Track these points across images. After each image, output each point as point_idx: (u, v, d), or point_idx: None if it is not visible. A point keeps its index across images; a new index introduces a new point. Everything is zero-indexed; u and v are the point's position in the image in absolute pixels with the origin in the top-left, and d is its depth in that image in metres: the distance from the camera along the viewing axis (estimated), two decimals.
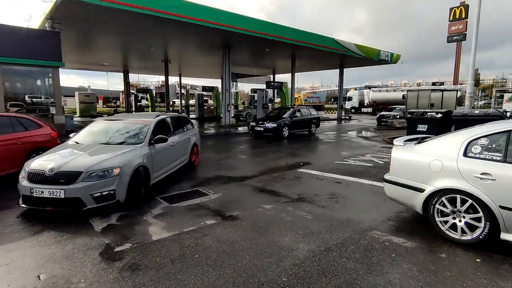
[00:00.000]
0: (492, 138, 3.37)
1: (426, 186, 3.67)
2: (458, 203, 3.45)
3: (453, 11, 36.38)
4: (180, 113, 8.64)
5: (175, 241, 3.57)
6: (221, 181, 6.47)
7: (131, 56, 23.49)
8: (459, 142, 3.56)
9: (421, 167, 3.76)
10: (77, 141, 5.56)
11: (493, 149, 3.33)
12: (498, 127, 3.41)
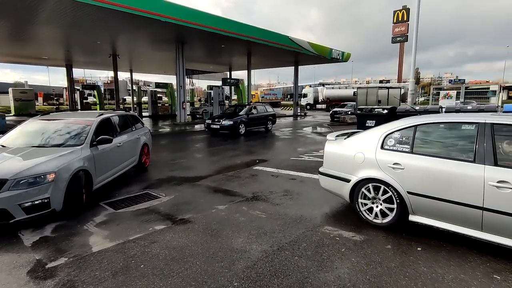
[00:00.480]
0: (402, 132, 3.78)
1: (351, 176, 4.04)
2: (376, 190, 3.84)
3: (396, 14, 39.38)
4: (128, 111, 8.11)
5: (119, 251, 3.29)
6: (174, 182, 6.19)
7: (74, 49, 21.64)
8: (378, 136, 3.94)
9: (347, 159, 4.13)
10: (4, 144, 4.91)
11: (403, 142, 3.72)
12: (407, 122, 3.81)
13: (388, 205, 3.73)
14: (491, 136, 3.14)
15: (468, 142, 3.29)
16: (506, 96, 52.93)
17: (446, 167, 3.28)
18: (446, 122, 3.61)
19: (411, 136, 3.68)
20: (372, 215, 3.88)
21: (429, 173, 3.39)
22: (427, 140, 3.65)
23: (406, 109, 10.00)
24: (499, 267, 2.87)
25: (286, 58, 24.82)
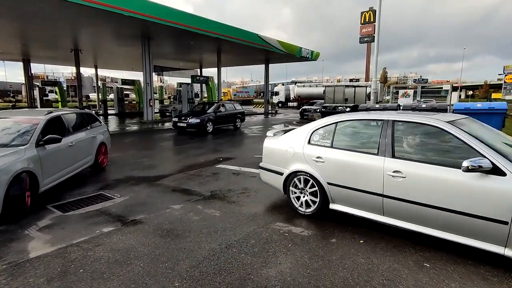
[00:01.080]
0: (325, 129, 4.12)
1: (284, 170, 4.36)
2: (305, 183, 4.14)
3: (364, 15, 40.57)
4: (90, 109, 7.76)
5: (59, 256, 3.14)
6: (132, 182, 6.02)
7: (31, 43, 20.37)
8: (306, 132, 4.26)
9: (281, 154, 4.43)
10: None
11: (325, 137, 4.07)
12: (330, 120, 4.14)
13: (313, 195, 4.08)
14: (392, 131, 3.47)
15: (375, 137, 3.62)
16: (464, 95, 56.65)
17: (357, 159, 3.62)
18: (360, 119, 4.00)
19: (332, 132, 4.02)
20: (299, 204, 4.23)
21: (344, 165, 3.73)
22: (345, 135, 4.00)
23: (367, 107, 10.39)
24: (429, 255, 3.07)
25: (257, 56, 24.90)
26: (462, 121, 3.48)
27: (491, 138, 3.32)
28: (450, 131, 3.12)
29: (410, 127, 3.50)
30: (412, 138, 3.49)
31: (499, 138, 3.49)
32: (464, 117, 3.72)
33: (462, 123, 3.37)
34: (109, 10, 12.29)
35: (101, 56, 25.68)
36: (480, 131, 3.43)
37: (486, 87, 58.62)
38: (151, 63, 18.29)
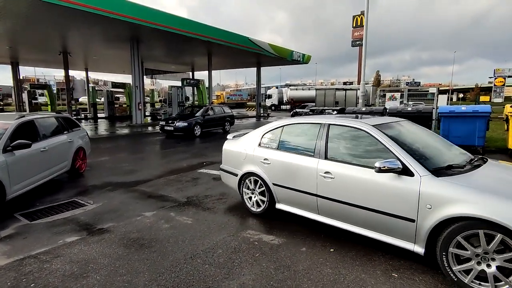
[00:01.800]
0: (274, 132, 4.29)
1: (238, 171, 4.54)
2: (253, 183, 4.36)
3: (355, 18, 40.88)
4: (59, 112, 7.55)
5: (13, 268, 2.98)
6: (108, 188, 5.86)
7: (18, 46, 20.06)
8: (258, 135, 4.46)
9: (236, 156, 4.62)
10: None
11: (273, 140, 4.24)
12: (279, 123, 4.32)
13: (262, 195, 4.27)
14: (326, 134, 3.65)
15: (313, 140, 3.76)
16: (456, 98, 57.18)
17: (297, 161, 3.79)
18: (302, 123, 4.16)
19: (279, 135, 4.19)
20: (251, 204, 4.43)
21: (286, 166, 3.90)
22: (289, 138, 4.13)
23: (354, 110, 10.34)
24: (398, 264, 2.96)
25: (248, 59, 24.84)
26: (391, 124, 3.65)
27: (419, 140, 3.57)
28: (372, 134, 3.27)
29: (342, 130, 3.64)
30: (343, 140, 3.61)
31: (428, 141, 3.70)
32: (397, 120, 3.90)
33: (389, 126, 3.54)
34: (95, 12, 12.13)
35: (91, 59, 25.41)
36: (409, 134, 3.67)
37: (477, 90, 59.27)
38: (140, 66, 18.11)
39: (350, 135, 3.55)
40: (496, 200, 2.45)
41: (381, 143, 3.17)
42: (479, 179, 2.88)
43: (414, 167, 2.87)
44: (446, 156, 3.40)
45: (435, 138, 3.87)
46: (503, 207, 2.38)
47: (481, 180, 2.86)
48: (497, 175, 3.11)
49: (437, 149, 3.56)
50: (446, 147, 3.67)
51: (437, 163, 3.09)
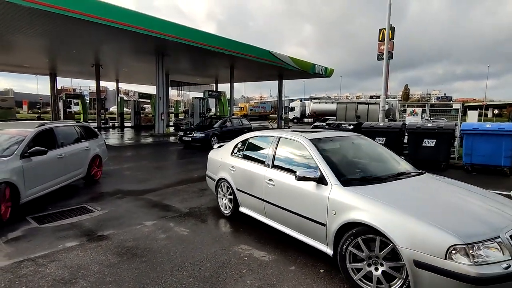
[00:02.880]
0: (242, 142, 4.79)
1: (215, 176, 5.08)
2: (225, 188, 4.87)
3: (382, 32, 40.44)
4: (78, 121, 7.98)
5: (10, 270, 3.13)
6: (118, 195, 6.05)
7: (56, 59, 21.60)
8: (232, 145, 4.96)
9: (215, 163, 5.21)
10: None
11: (241, 150, 4.73)
12: (246, 135, 4.85)
13: (229, 200, 4.76)
14: (276, 145, 4.09)
15: (266, 151, 4.19)
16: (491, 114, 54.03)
17: (252, 169, 4.24)
18: (261, 135, 4.64)
19: (245, 145, 4.70)
20: (222, 207, 4.93)
21: (245, 173, 4.36)
22: (251, 149, 4.61)
23: (371, 125, 10.07)
24: None
25: (270, 72, 25.09)
26: (334, 139, 4.14)
27: (357, 155, 4.08)
28: (306, 147, 3.63)
29: (287, 142, 4.05)
30: (287, 152, 3.99)
31: (369, 155, 4.13)
32: (348, 135, 4.40)
33: (328, 140, 3.96)
34: (126, 28, 12.82)
35: (121, 70, 26.78)
36: (349, 148, 4.16)
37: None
38: (164, 78, 18.83)
39: (292, 146, 3.96)
40: (381, 208, 2.68)
41: (310, 154, 3.53)
42: (383, 190, 3.09)
43: (328, 176, 3.19)
44: (376, 169, 3.77)
45: (380, 153, 4.19)
46: (383, 215, 2.62)
47: (383, 191, 3.05)
48: (409, 187, 3.28)
49: (371, 163, 3.96)
50: (387, 161, 3.99)
51: (353, 174, 3.45)
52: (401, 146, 9.64)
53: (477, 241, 2.26)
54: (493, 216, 2.65)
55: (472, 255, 2.20)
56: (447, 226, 2.36)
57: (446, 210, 2.74)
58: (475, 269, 2.14)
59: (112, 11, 12.36)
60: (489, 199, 3.04)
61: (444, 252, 2.23)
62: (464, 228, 2.38)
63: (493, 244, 2.27)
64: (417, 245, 2.36)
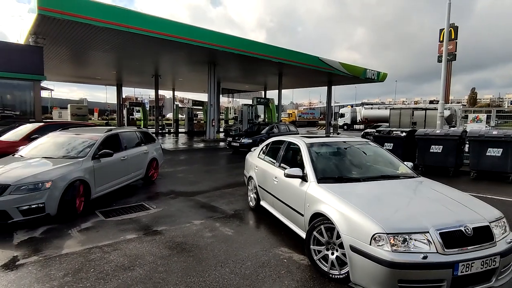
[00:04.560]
0: (266, 146, 5.70)
1: (247, 174, 6.06)
2: (251, 184, 5.75)
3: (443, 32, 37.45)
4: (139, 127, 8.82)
5: (82, 255, 3.66)
6: (171, 196, 6.57)
7: (122, 71, 23.99)
8: (260, 148, 5.90)
9: (248, 164, 6.20)
10: (23, 155, 5.71)
11: (264, 152, 5.60)
12: (269, 140, 5.77)
13: (255, 195, 5.51)
14: (284, 148, 4.87)
15: (278, 152, 4.97)
16: None
17: (267, 168, 5.04)
18: (277, 140, 5.44)
19: (267, 148, 5.60)
20: (249, 200, 5.81)
21: (263, 172, 5.17)
22: (270, 151, 5.44)
23: (426, 132, 9.46)
24: None
25: (319, 78, 24.82)
26: (331, 143, 4.79)
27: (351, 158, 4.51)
28: (301, 149, 4.29)
29: (292, 145, 4.70)
30: (291, 153, 4.69)
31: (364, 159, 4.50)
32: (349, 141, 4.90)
33: (323, 144, 4.63)
34: (180, 41, 13.87)
35: (177, 80, 28.71)
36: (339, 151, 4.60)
37: None
38: (215, 86, 19.76)
39: (294, 149, 4.63)
40: (335, 202, 3.14)
41: (302, 156, 4.16)
42: (349, 188, 3.54)
43: (309, 175, 3.77)
44: (362, 171, 4.17)
45: (377, 158, 4.57)
46: (335, 206, 3.09)
47: (348, 189, 3.50)
48: (377, 187, 3.63)
49: (361, 166, 4.34)
50: (380, 165, 4.40)
51: (333, 174, 3.93)
52: (460, 156, 8.89)
53: (400, 232, 2.59)
54: (436, 215, 2.85)
55: (392, 243, 2.55)
56: (378, 218, 2.72)
57: (393, 207, 3.08)
58: (391, 255, 2.50)
59: (169, 26, 13.46)
60: (455, 203, 3.17)
61: (369, 238, 2.63)
62: (393, 221, 2.74)
63: (421, 237, 2.57)
64: (353, 232, 2.80)
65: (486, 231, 2.73)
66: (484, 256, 2.56)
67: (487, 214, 2.93)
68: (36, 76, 12.74)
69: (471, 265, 2.51)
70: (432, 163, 9.25)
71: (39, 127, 8.27)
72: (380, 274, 2.52)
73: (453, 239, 2.60)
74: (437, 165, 9.15)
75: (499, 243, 2.72)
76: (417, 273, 2.48)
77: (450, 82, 38.44)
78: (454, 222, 2.71)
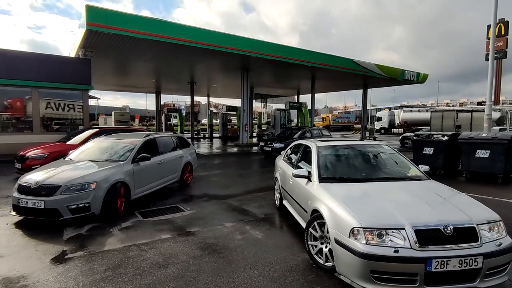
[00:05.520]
0: (289, 149, 6.13)
1: (275, 176, 6.49)
2: (277, 184, 6.19)
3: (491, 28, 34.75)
4: (175, 132, 9.23)
5: (122, 252, 3.91)
6: (204, 198, 6.79)
7: (160, 79, 25.24)
8: (285, 152, 6.38)
9: (275, 166, 6.59)
10: (71, 158, 6.24)
11: (286, 155, 6.11)
12: (292, 144, 6.22)
13: (279, 194, 5.97)
14: (301, 150, 5.26)
15: (296, 154, 5.42)
16: None
17: (287, 169, 5.39)
18: (297, 143, 5.86)
19: (290, 151, 6.01)
20: (276, 200, 6.18)
21: (284, 173, 5.54)
22: (290, 153, 5.95)
23: (470, 136, 8.84)
24: None
25: (354, 81, 24.22)
26: (339, 146, 5.01)
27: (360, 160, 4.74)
28: (312, 151, 4.69)
29: (307, 148, 5.03)
30: (305, 154, 4.98)
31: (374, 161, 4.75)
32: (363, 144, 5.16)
33: (332, 147, 4.88)
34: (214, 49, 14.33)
35: (212, 86, 29.57)
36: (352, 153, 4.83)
37: None
38: (248, 91, 20.05)
39: (308, 151, 4.91)
40: (328, 199, 3.46)
41: (311, 157, 4.53)
42: (346, 187, 3.82)
43: (313, 175, 4.12)
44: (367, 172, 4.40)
45: (386, 161, 4.75)
46: (327, 203, 3.41)
47: (345, 188, 3.78)
48: (374, 187, 3.79)
49: (367, 167, 4.59)
50: (388, 167, 4.60)
51: (335, 174, 4.19)
52: (511, 161, 8.17)
53: (376, 227, 2.82)
54: (417, 215, 3.00)
55: (367, 237, 2.79)
56: (358, 214, 2.98)
57: (377, 205, 3.25)
58: (365, 247, 2.75)
59: (204, 34, 13.95)
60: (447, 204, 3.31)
61: (348, 232, 2.92)
62: (372, 217, 2.95)
63: (397, 233, 2.77)
64: (337, 226, 3.09)
65: (471, 232, 2.81)
66: (462, 256, 2.64)
67: (478, 217, 2.97)
68: (85, 86, 13.86)
69: (447, 262, 2.62)
70: (478, 169, 8.61)
71: (95, 132, 9.57)
72: (355, 264, 2.78)
73: (430, 237, 2.74)
74: (484, 171, 8.50)
75: (487, 245, 2.76)
76: (388, 265, 2.66)
77: (500, 81, 35.48)
78: (435, 221, 2.85)
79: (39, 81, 12.69)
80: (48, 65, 12.97)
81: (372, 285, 2.70)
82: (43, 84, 12.83)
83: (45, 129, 13.72)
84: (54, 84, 12.98)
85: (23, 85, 12.62)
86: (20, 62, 12.60)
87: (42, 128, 13.46)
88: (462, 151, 9.00)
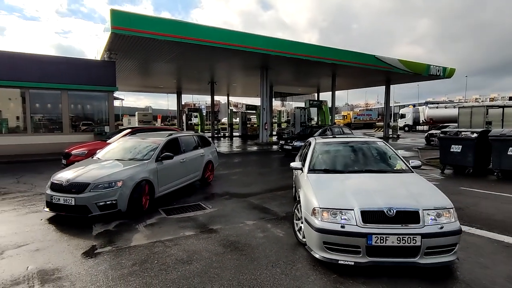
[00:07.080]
0: (304, 146, 6.32)
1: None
2: (294, 179, 6.28)
3: None
4: (196, 131, 9.43)
5: (148, 247, 4.04)
6: (225, 197, 6.87)
7: (181, 79, 25.73)
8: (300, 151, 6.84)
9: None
10: (99, 157, 6.50)
11: (300, 152, 6.53)
12: (307, 141, 6.17)
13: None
14: (309, 146, 5.53)
15: (305, 150, 5.84)
16: None
17: (298, 164, 5.21)
18: (309, 141, 5.98)
19: (303, 148, 6.31)
20: (293, 192, 6.32)
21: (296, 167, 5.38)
22: (303, 149, 6.20)
23: (502, 132, 8.41)
24: None
25: (376, 78, 23.66)
26: (340, 141, 5.54)
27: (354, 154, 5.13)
28: (310, 146, 5.32)
29: (311, 143, 5.47)
30: (309, 149, 5.28)
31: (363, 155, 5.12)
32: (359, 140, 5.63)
33: (328, 143, 5.46)
34: (234, 48, 14.43)
35: (231, 86, 29.79)
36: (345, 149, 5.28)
37: None
38: (268, 90, 20.04)
39: (311, 146, 5.33)
40: (306, 186, 4.06)
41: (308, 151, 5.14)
42: (327, 177, 4.37)
43: (305, 167, 4.73)
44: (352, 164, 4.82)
45: (377, 156, 5.09)
46: (304, 189, 4.07)
47: (325, 177, 4.35)
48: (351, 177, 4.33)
49: (356, 160, 4.94)
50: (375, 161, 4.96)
51: (321, 166, 4.74)
52: None
53: (330, 208, 3.40)
54: (369, 199, 3.49)
55: (322, 215, 3.39)
56: (320, 197, 3.59)
57: (341, 191, 3.78)
58: (320, 223, 3.36)
59: (222, 34, 14.08)
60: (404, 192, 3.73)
61: (311, 211, 3.54)
62: (329, 200, 3.54)
63: (348, 213, 3.31)
64: (306, 207, 3.72)
65: (414, 216, 3.23)
66: (401, 234, 3.11)
67: (427, 203, 3.37)
68: (110, 88, 14.37)
69: (386, 238, 3.11)
70: (511, 167, 8.17)
71: (130, 131, 10.43)
72: (314, 237, 3.40)
73: (373, 217, 3.24)
74: None
75: (430, 227, 3.16)
76: (336, 238, 3.24)
77: None
78: (382, 205, 3.32)
79: (68, 83, 13.30)
80: (76, 68, 13.57)
81: (325, 253, 3.30)
82: (72, 87, 13.43)
83: (74, 129, 14.38)
84: (81, 86, 13.57)
85: (54, 88, 13.27)
86: (50, 66, 13.27)
87: (71, 128, 14.12)
88: (492, 149, 8.57)
